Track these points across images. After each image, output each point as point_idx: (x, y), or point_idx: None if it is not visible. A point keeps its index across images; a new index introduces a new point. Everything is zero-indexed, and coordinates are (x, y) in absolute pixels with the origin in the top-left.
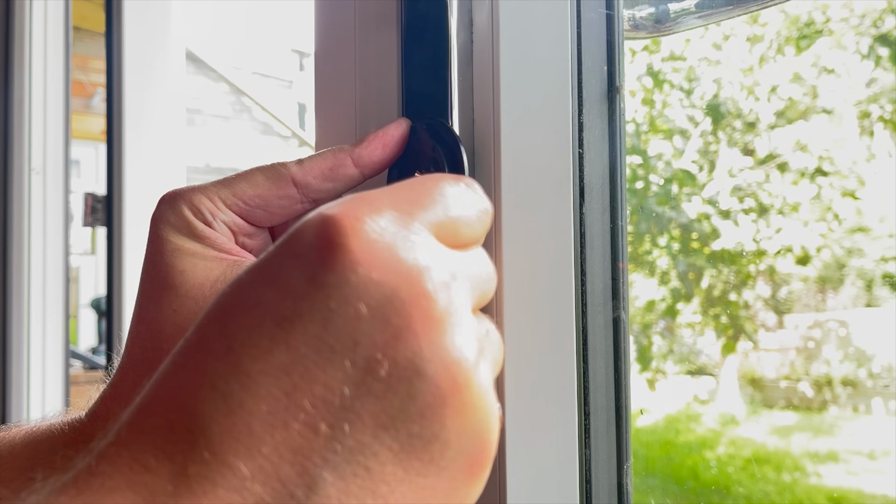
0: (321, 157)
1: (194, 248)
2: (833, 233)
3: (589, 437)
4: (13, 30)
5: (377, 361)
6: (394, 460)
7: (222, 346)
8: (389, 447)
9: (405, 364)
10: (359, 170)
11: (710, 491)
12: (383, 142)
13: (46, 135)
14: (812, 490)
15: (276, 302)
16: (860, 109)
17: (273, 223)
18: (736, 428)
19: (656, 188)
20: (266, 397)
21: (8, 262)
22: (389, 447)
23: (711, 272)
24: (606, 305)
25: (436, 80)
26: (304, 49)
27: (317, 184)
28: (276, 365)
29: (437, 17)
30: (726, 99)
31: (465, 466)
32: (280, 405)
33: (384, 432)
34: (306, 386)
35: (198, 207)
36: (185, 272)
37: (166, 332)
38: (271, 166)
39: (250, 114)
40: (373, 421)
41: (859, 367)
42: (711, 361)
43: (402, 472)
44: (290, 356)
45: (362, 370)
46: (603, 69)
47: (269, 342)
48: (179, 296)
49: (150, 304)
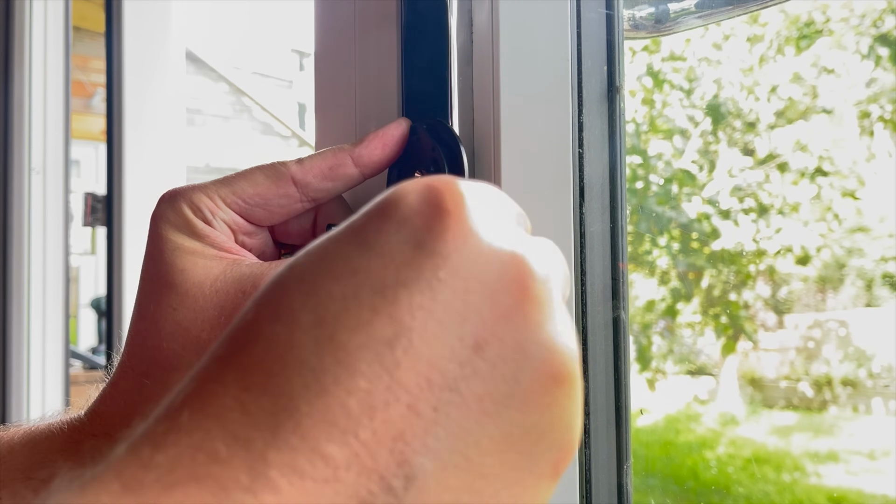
0: (321, 157)
1: (194, 247)
2: (833, 233)
3: (589, 437)
4: (13, 30)
5: (485, 341)
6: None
7: (311, 318)
8: (491, 436)
9: (513, 346)
10: (358, 169)
11: (710, 491)
12: (383, 141)
13: (46, 135)
14: (812, 490)
15: (376, 270)
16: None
17: (272, 222)
18: (736, 428)
19: (656, 188)
20: (366, 374)
21: (8, 262)
22: (491, 436)
23: (711, 272)
24: (606, 305)
25: (436, 80)
26: (304, 49)
27: (316, 183)
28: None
29: (437, 17)
30: (726, 99)
31: (553, 462)
32: (382, 383)
33: (488, 419)
34: (411, 363)
35: (197, 206)
36: (186, 270)
37: (166, 330)
38: (271, 165)
39: (250, 114)
40: (477, 405)
41: (859, 367)
42: (711, 361)
43: (499, 465)
44: (394, 328)
45: (470, 349)
46: (603, 69)
47: (369, 313)
48: (179, 294)
49: (149, 302)
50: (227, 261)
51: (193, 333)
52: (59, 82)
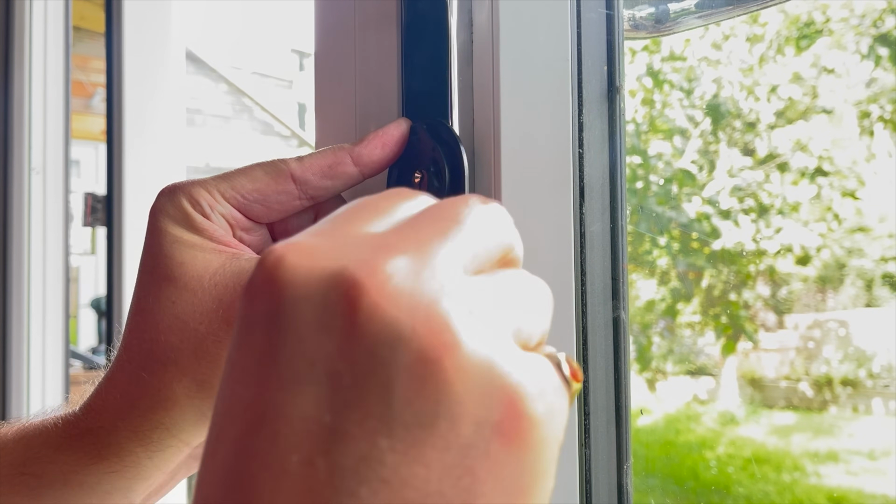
0: (321, 155)
1: (193, 240)
2: (833, 233)
3: (589, 437)
4: (13, 30)
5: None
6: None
7: None
8: (394, 449)
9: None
10: (358, 168)
11: (710, 491)
12: (383, 141)
13: (46, 135)
14: (812, 490)
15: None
16: (860, 109)
17: (271, 219)
18: (736, 428)
19: (656, 188)
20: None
21: (8, 262)
22: (394, 449)
23: (711, 272)
24: (606, 305)
25: (436, 80)
26: (304, 49)
27: (315, 180)
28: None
29: (437, 16)
30: (726, 99)
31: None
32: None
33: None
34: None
35: (196, 199)
36: (185, 263)
37: (164, 322)
38: (271, 162)
39: (250, 114)
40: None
41: (859, 367)
42: (711, 361)
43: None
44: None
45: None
46: (603, 69)
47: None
48: (178, 287)
49: (148, 295)
50: (226, 254)
51: (191, 326)
52: (59, 82)
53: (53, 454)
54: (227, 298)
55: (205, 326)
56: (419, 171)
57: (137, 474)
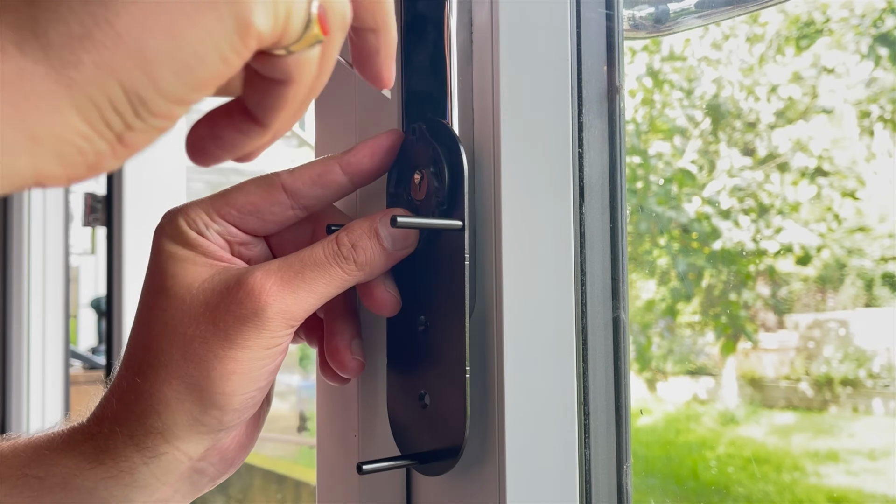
0: (310, 165)
1: (185, 255)
2: (833, 233)
3: (589, 437)
4: None
5: None
6: None
7: None
8: None
9: None
10: (347, 177)
11: (710, 491)
12: (372, 150)
13: None
14: (812, 490)
15: None
16: (860, 109)
17: (267, 231)
18: (736, 428)
19: (656, 188)
20: None
21: (8, 262)
22: None
23: (711, 272)
24: (606, 305)
25: (435, 80)
26: None
27: (306, 190)
28: None
29: (437, 16)
30: (726, 99)
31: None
32: None
33: None
34: None
35: (192, 219)
36: (176, 275)
37: (156, 329)
38: (263, 176)
39: None
40: None
41: (859, 367)
42: (711, 361)
43: None
44: None
45: None
46: (603, 69)
47: None
48: (169, 297)
49: (146, 308)
50: (216, 268)
51: (180, 330)
52: None
53: (56, 457)
54: (213, 300)
55: (192, 329)
56: (419, 171)
57: (134, 481)
